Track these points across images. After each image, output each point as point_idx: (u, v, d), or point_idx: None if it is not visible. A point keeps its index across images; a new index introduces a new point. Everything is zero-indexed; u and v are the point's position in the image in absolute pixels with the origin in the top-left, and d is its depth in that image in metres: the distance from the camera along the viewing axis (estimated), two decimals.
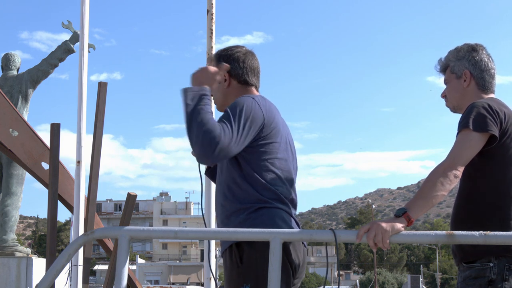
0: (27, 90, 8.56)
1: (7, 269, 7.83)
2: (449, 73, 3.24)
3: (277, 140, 2.94)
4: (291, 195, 2.98)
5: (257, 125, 2.87)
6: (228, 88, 3.07)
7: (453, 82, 3.22)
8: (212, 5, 5.00)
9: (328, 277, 17.51)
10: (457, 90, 3.21)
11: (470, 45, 3.26)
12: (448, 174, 2.81)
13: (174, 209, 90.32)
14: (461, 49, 3.23)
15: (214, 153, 2.72)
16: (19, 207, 8.47)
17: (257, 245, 2.79)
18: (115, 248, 5.64)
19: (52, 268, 2.67)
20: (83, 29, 5.58)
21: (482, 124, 2.91)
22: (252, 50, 3.15)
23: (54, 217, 5.92)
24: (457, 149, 2.90)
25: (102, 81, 6.01)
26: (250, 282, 2.80)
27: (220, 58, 3.09)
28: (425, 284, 61.95)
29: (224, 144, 2.73)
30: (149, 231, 2.77)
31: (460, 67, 3.20)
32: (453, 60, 3.23)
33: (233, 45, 3.15)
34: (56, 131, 5.92)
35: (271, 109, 2.97)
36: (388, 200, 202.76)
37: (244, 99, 2.90)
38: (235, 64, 3.06)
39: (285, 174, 2.96)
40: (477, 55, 3.20)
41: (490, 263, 2.90)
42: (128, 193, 5.92)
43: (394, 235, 2.63)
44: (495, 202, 2.96)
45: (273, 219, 2.85)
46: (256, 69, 3.11)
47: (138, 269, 49.15)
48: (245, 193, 2.88)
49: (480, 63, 3.19)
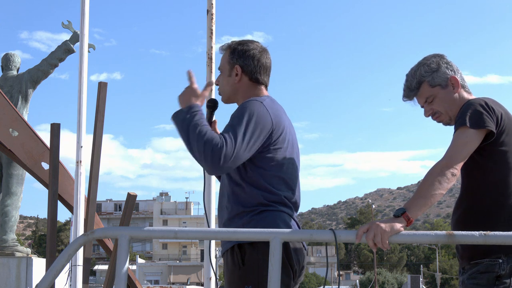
0: (27, 90, 8.55)
1: (7, 269, 7.83)
2: (429, 89, 3.11)
3: (284, 145, 2.92)
4: (294, 198, 2.97)
5: (266, 131, 2.84)
6: (238, 83, 3.04)
7: (440, 94, 3.10)
8: (212, 5, 4.99)
9: (328, 277, 17.39)
10: (447, 100, 3.11)
11: (433, 55, 3.18)
12: (446, 173, 2.79)
13: (174, 209, 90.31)
14: (429, 62, 3.12)
15: (220, 162, 2.70)
16: (19, 207, 8.46)
17: (259, 246, 2.78)
18: (115, 248, 5.63)
19: (52, 268, 2.66)
20: (83, 29, 5.58)
21: (479, 121, 2.90)
22: (266, 48, 3.10)
23: (54, 217, 5.92)
24: (454, 147, 2.88)
25: (102, 81, 6.00)
26: (252, 283, 2.79)
27: (234, 51, 3.04)
28: (425, 284, 61.90)
29: (229, 150, 2.71)
30: (149, 231, 2.77)
31: (441, 76, 3.10)
32: (428, 74, 3.11)
33: (249, 40, 3.10)
34: (56, 131, 5.92)
35: (279, 113, 2.94)
36: (388, 200, 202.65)
37: (252, 104, 2.86)
38: (249, 61, 3.02)
39: (290, 178, 2.95)
40: (446, 60, 3.14)
41: (499, 259, 2.90)
42: (128, 193, 5.92)
43: (394, 235, 2.62)
44: (498, 199, 2.95)
45: (276, 221, 2.84)
46: (268, 68, 3.08)
47: (138, 269, 49.13)
48: (248, 197, 2.87)
49: (453, 66, 3.15)
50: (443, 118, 3.14)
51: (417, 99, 3.17)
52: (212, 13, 4.99)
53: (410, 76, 3.15)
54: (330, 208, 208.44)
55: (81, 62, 5.50)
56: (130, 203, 5.90)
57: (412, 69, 3.16)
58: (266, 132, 2.84)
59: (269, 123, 2.85)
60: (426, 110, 3.16)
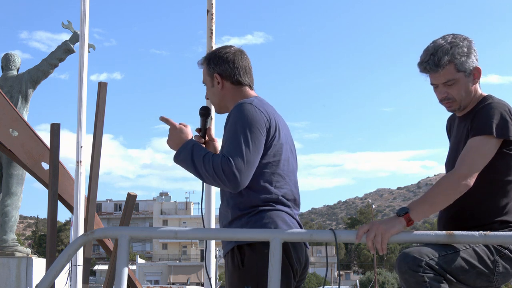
0: (27, 90, 8.55)
1: (7, 269, 7.83)
2: (454, 72, 2.91)
3: (278, 141, 2.93)
4: (293, 196, 2.97)
5: (264, 129, 2.86)
6: (222, 90, 3.06)
7: (462, 80, 2.93)
8: (212, 5, 4.99)
9: (328, 277, 17.35)
10: (466, 89, 2.94)
11: (463, 37, 2.95)
12: (461, 184, 2.73)
13: (174, 209, 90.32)
14: (462, 44, 2.92)
15: (237, 177, 2.73)
16: (19, 207, 8.47)
17: (258, 247, 2.80)
18: (115, 248, 5.63)
19: (52, 268, 2.67)
20: (83, 29, 5.58)
21: (504, 130, 2.81)
22: (241, 49, 3.13)
23: (54, 217, 5.92)
24: (474, 157, 2.77)
25: (102, 81, 6.00)
26: (251, 284, 2.80)
27: (210, 61, 3.08)
28: None
29: (238, 162, 2.74)
30: (149, 231, 2.77)
31: (470, 64, 2.92)
32: (459, 57, 2.90)
33: (222, 46, 3.14)
34: (56, 131, 5.92)
35: (270, 110, 2.96)
36: (388, 200, 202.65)
37: (242, 108, 2.87)
38: (225, 66, 3.04)
39: (288, 174, 2.96)
40: (474, 47, 2.97)
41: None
42: (128, 193, 5.92)
43: (393, 236, 2.63)
44: (496, 198, 2.92)
45: (274, 220, 2.84)
46: (246, 67, 3.08)
47: (138, 269, 49.11)
48: (246, 199, 2.87)
49: (477, 55, 2.98)
50: (455, 105, 2.98)
51: (434, 77, 2.94)
52: (212, 13, 4.99)
53: (442, 52, 2.88)
54: (330, 208, 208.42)
55: (81, 62, 5.50)
56: (130, 203, 5.90)
57: (442, 44, 2.91)
58: (264, 130, 2.86)
59: (263, 121, 2.86)
60: (441, 92, 2.96)
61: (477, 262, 2.80)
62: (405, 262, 2.71)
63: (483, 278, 2.83)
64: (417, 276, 2.67)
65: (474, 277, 2.81)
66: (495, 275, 2.83)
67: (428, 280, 2.67)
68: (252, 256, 2.81)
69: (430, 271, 2.69)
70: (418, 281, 2.68)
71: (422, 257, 2.70)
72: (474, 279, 2.81)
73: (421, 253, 2.72)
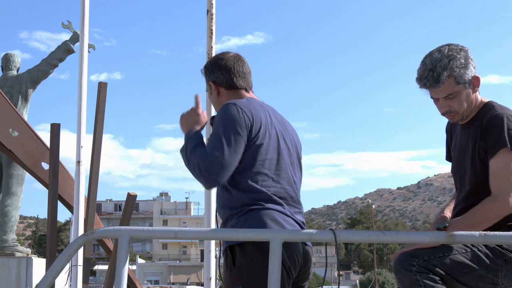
0: (27, 90, 8.55)
1: (7, 269, 7.83)
2: (454, 85, 2.89)
3: (264, 140, 2.93)
4: (287, 193, 2.97)
5: (245, 129, 2.88)
6: (219, 97, 3.14)
7: (463, 92, 2.92)
8: (212, 5, 4.99)
9: (328, 277, 17.40)
10: (467, 100, 2.93)
11: (459, 47, 2.94)
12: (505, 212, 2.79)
13: (174, 209, 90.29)
14: (458, 56, 2.90)
15: (210, 173, 2.79)
16: (19, 207, 8.46)
17: (247, 248, 2.83)
18: (115, 248, 5.64)
19: (52, 268, 2.66)
20: (83, 29, 5.58)
21: None
22: (238, 54, 3.18)
23: (54, 217, 5.92)
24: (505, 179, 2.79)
25: (102, 81, 6.01)
26: (241, 283, 2.84)
27: (206, 71, 3.17)
28: None
29: (215, 160, 2.79)
30: (149, 231, 2.77)
31: (468, 75, 2.91)
32: (458, 70, 2.89)
33: (219, 53, 3.21)
34: (56, 131, 5.92)
35: (256, 110, 2.96)
36: (388, 200, 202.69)
37: (224, 108, 2.93)
38: (218, 73, 3.12)
39: (278, 173, 2.96)
40: (471, 56, 2.96)
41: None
42: (128, 193, 5.92)
43: (393, 236, 2.63)
44: None
45: (262, 220, 2.85)
46: (240, 71, 3.13)
47: (138, 269, 49.11)
48: (234, 199, 2.91)
49: (474, 63, 2.97)
50: (457, 117, 2.97)
51: (435, 92, 2.92)
52: (212, 13, 4.99)
53: (440, 67, 2.86)
54: (330, 208, 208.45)
55: (81, 62, 5.49)
56: (130, 203, 5.90)
57: (439, 58, 2.89)
58: (245, 130, 2.88)
59: (243, 121, 2.89)
60: (443, 106, 2.94)
61: (476, 265, 2.82)
62: (399, 262, 2.79)
63: (486, 281, 2.85)
64: (410, 275, 2.74)
65: (475, 279, 2.83)
66: (499, 278, 2.85)
67: (421, 279, 2.73)
68: (241, 256, 2.85)
69: (424, 270, 2.74)
70: (412, 280, 2.74)
71: (416, 257, 2.76)
72: (475, 281, 2.84)
73: (416, 253, 2.78)
